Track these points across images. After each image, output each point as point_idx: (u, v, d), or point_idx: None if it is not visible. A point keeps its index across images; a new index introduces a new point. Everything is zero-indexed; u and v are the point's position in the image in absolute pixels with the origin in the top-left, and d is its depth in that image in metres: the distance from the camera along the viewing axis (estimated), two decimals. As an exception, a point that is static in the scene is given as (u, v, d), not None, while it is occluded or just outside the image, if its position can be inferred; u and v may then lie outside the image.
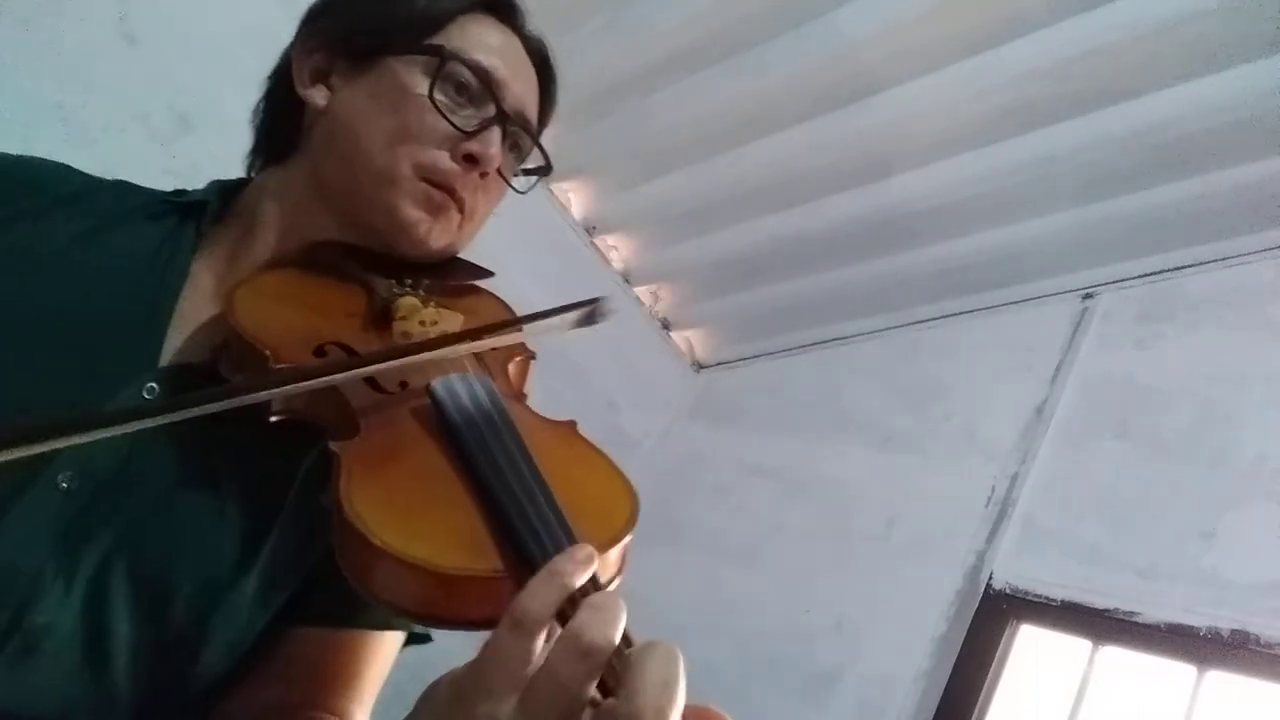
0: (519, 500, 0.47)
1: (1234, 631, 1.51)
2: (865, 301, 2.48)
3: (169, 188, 0.76)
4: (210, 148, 1.79)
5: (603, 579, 0.48)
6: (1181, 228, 1.97)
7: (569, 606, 0.41)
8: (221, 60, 1.83)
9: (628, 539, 0.51)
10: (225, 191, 0.73)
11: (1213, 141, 1.79)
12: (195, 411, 0.48)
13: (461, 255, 0.77)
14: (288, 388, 0.53)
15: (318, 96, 0.70)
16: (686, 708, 0.40)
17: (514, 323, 0.66)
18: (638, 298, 2.76)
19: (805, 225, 2.33)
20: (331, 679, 0.63)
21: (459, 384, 0.55)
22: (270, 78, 0.76)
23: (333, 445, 0.51)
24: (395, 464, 0.52)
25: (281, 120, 0.74)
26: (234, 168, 0.79)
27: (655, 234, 2.58)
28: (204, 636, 0.59)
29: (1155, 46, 1.67)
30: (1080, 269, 2.15)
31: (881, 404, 2.35)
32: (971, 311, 2.34)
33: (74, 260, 0.63)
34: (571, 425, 0.61)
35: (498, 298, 0.76)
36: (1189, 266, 2.02)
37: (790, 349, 2.70)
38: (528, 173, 0.79)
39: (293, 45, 0.73)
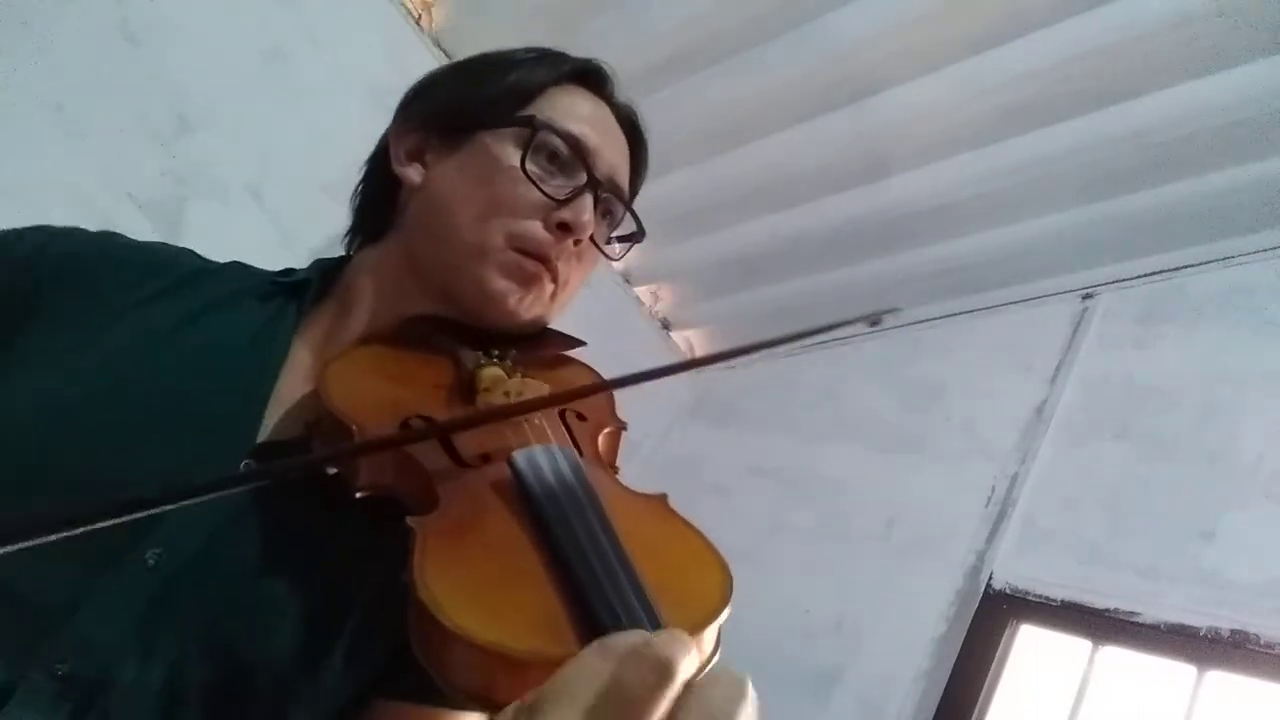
0: (598, 579, 0.45)
1: (1234, 631, 1.51)
2: (865, 301, 2.48)
3: (169, 188, 0.76)
4: (210, 148, 1.79)
5: (702, 661, 0.46)
6: (1181, 228, 1.98)
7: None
8: (221, 60, 1.83)
9: (720, 619, 0.48)
10: (326, 270, 0.75)
11: (1213, 141, 1.79)
12: (264, 481, 0.48)
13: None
14: (359, 454, 0.53)
15: (413, 174, 0.72)
16: None
17: (596, 389, 0.66)
18: (638, 298, 2.76)
19: (805, 225, 2.33)
20: None
21: (541, 456, 0.54)
22: (368, 161, 0.78)
23: (410, 520, 0.49)
24: (471, 539, 0.50)
25: (378, 200, 0.76)
26: (234, 168, 0.79)
27: (655, 234, 2.57)
28: (277, 713, 0.58)
29: (1155, 46, 1.67)
30: (1080, 269, 2.15)
31: (881, 404, 2.35)
32: (971, 311, 2.34)
33: (185, 339, 0.65)
34: (662, 499, 0.60)
35: (590, 368, 0.76)
36: (1189, 266, 2.02)
37: (790, 349, 2.70)
38: (620, 239, 0.80)
39: (390, 128, 0.75)
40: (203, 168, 1.79)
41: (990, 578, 1.83)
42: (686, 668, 0.37)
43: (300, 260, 0.79)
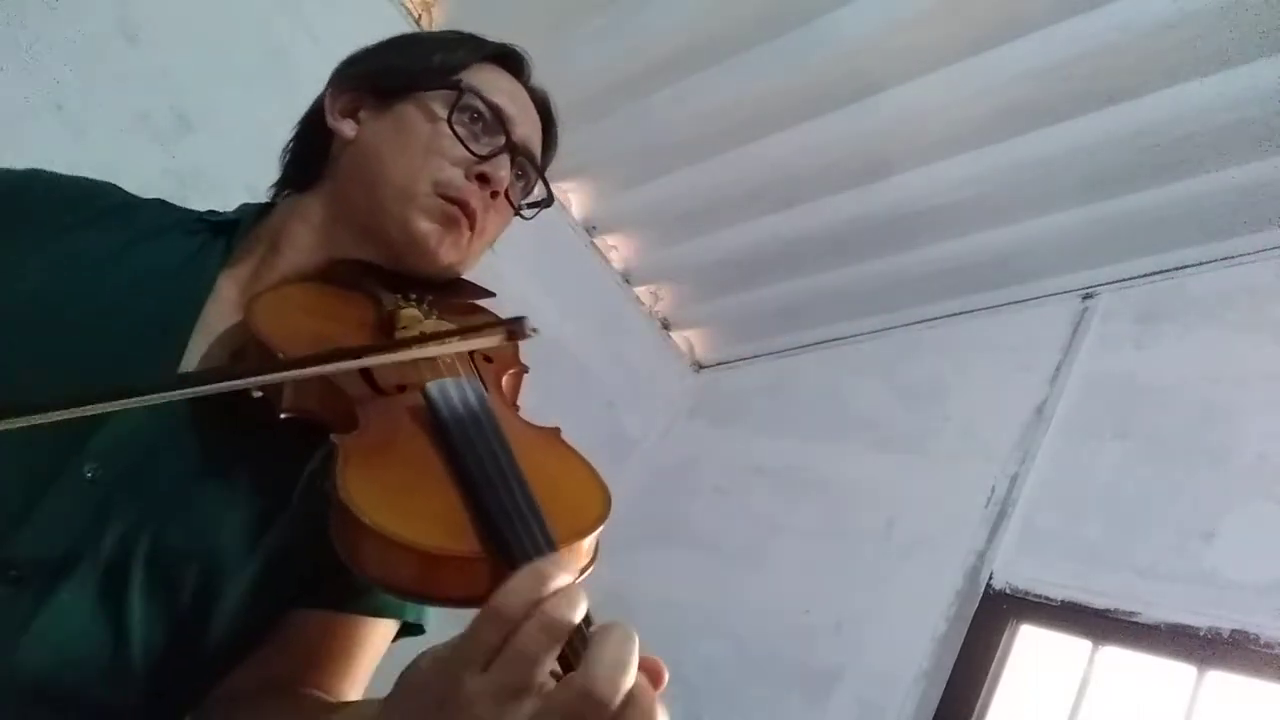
0: (497, 491, 0.51)
1: (1234, 631, 1.51)
2: (865, 301, 2.48)
3: (169, 188, 0.79)
4: (210, 148, 1.79)
5: (574, 568, 0.52)
6: (1181, 228, 1.97)
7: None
8: (221, 60, 1.83)
9: (597, 532, 0.55)
10: (256, 214, 0.82)
11: (1213, 141, 1.79)
12: (197, 392, 0.53)
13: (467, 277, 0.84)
14: (288, 374, 0.59)
15: (347, 128, 0.80)
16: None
17: (499, 325, 0.72)
18: (638, 298, 2.76)
19: (805, 225, 2.33)
20: (327, 660, 0.68)
21: (451, 387, 0.60)
22: (301, 120, 0.86)
23: (333, 437, 0.56)
24: (389, 455, 0.57)
25: (310, 154, 0.83)
26: (234, 168, 0.82)
27: (655, 234, 2.58)
28: (208, 616, 0.64)
29: (1155, 46, 1.67)
30: (1080, 269, 2.15)
31: (881, 404, 2.35)
32: (971, 311, 2.34)
33: (112, 269, 0.70)
34: (555, 431, 0.66)
35: (497, 316, 0.80)
36: (1189, 266, 2.02)
37: (790, 349, 2.69)
38: (531, 205, 0.88)
39: (325, 89, 0.83)
40: (203, 168, 1.78)
41: (990, 578, 1.83)
42: (575, 617, 0.42)
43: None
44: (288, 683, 0.67)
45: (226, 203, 0.82)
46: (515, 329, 0.59)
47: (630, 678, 0.41)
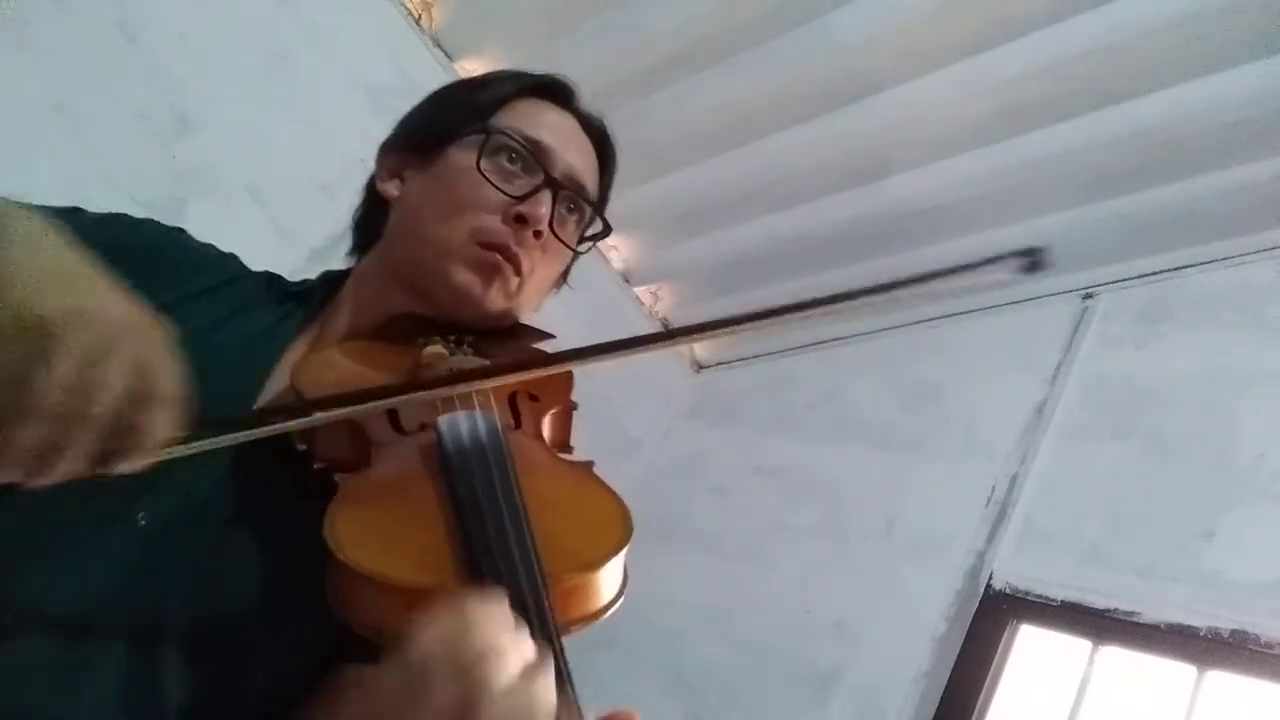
0: (484, 522, 0.49)
1: (1234, 631, 1.51)
2: (865, 302, 2.48)
3: (169, 188, 0.79)
4: (210, 148, 1.79)
5: (595, 604, 0.51)
6: (1181, 228, 1.97)
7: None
8: (221, 60, 1.83)
9: (608, 565, 0.52)
10: (331, 279, 0.83)
11: (1213, 141, 1.79)
12: (217, 442, 0.53)
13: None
14: (289, 415, 0.59)
15: (391, 188, 0.81)
16: None
17: (521, 365, 0.69)
18: (638, 298, 2.76)
19: (805, 225, 2.33)
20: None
21: (462, 420, 0.59)
22: (365, 187, 0.87)
23: (337, 477, 0.55)
24: (384, 491, 0.55)
25: (369, 217, 0.85)
26: (234, 168, 0.82)
27: (655, 234, 2.58)
28: (245, 669, 0.63)
29: (1155, 46, 1.67)
30: (1080, 269, 2.15)
31: (881, 404, 2.35)
32: (971, 311, 2.34)
33: (214, 339, 0.72)
34: (586, 465, 0.64)
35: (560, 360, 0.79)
36: (1189, 266, 2.01)
37: (790, 349, 2.69)
38: (591, 238, 0.87)
39: (377, 154, 0.85)
40: (203, 168, 1.78)
41: (990, 578, 1.83)
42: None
43: (300, 258, 0.81)
44: None
45: (227, 203, 0.83)
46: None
47: None
